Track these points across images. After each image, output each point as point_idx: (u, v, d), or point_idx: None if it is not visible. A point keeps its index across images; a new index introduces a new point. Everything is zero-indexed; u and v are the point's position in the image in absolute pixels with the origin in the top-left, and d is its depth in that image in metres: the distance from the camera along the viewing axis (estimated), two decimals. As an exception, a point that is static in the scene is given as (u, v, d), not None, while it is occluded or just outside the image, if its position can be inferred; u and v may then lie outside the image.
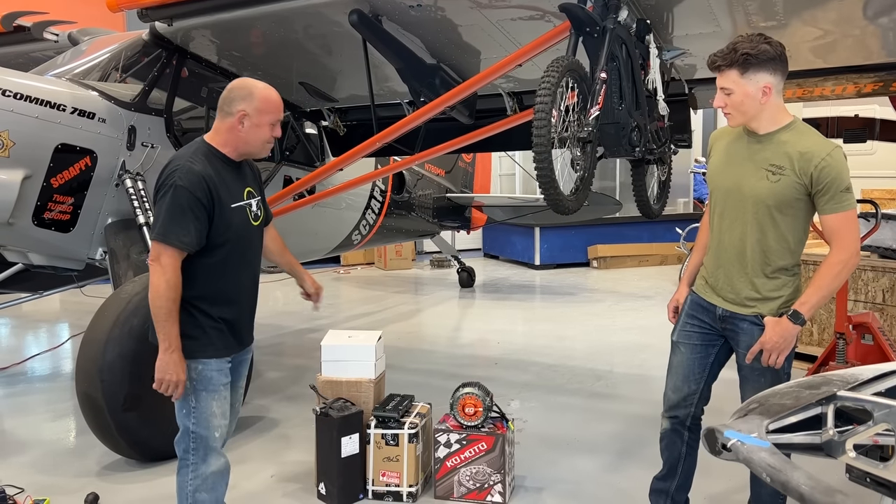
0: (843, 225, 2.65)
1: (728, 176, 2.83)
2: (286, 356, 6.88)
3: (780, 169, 2.66)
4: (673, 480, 3.18)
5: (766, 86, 2.64)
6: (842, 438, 1.66)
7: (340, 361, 3.89)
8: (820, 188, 2.63)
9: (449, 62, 4.73)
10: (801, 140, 2.68)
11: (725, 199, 2.84)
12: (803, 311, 2.67)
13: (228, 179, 2.82)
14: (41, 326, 8.26)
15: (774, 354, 2.70)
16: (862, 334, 5.08)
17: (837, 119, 9.85)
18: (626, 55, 3.69)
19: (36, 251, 4.70)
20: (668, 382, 3.12)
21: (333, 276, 11.74)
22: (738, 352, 2.89)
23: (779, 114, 2.72)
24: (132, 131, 4.70)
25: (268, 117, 2.81)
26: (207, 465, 2.87)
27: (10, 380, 5.93)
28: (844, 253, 2.64)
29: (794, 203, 2.69)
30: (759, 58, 2.62)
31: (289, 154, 5.94)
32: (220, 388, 2.88)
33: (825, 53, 4.45)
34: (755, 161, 2.74)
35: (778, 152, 2.69)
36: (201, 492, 2.89)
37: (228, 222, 2.79)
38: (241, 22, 4.58)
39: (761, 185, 2.70)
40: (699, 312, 2.99)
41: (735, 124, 2.81)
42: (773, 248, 2.74)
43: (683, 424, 3.09)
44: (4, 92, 4.13)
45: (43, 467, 4.11)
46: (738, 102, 2.69)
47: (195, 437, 2.84)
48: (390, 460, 3.68)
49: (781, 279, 2.78)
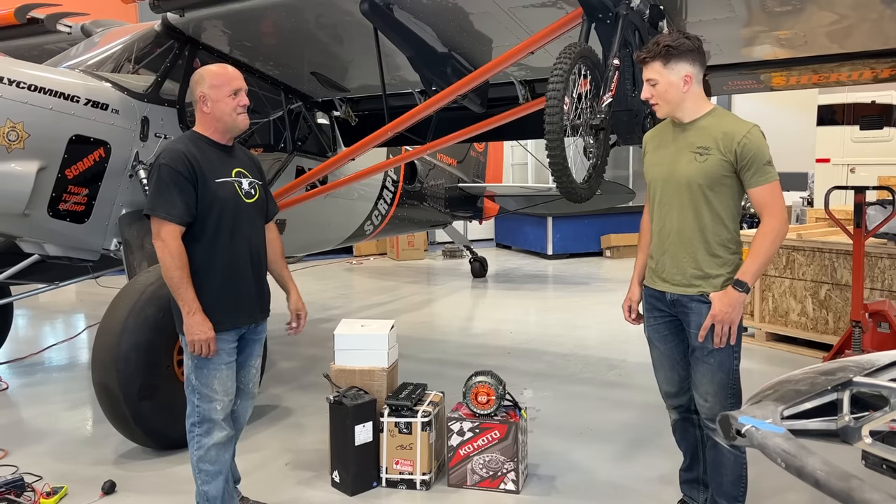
0: (770, 195, 2.82)
1: (661, 165, 2.99)
2: (300, 346, 6.91)
3: (706, 150, 2.83)
4: (699, 467, 3.20)
5: (686, 75, 2.83)
6: (858, 424, 1.65)
7: (353, 350, 3.91)
8: (744, 163, 2.80)
9: (460, 50, 4.70)
10: (721, 122, 2.87)
11: (662, 188, 2.97)
12: (746, 279, 2.81)
13: (213, 158, 3.02)
14: (57, 317, 8.34)
15: (725, 326, 2.81)
16: (878, 322, 5.04)
17: (854, 105, 9.76)
18: (639, 41, 3.66)
19: (51, 242, 4.74)
20: (658, 378, 3.18)
21: (346, 267, 11.77)
22: (690, 332, 2.96)
23: (700, 102, 2.90)
24: (145, 122, 4.72)
25: (223, 90, 3.00)
26: (210, 438, 3.04)
27: (28, 370, 6.00)
28: (776, 221, 2.81)
29: (723, 180, 2.84)
30: (679, 49, 2.81)
31: (301, 144, 5.94)
32: (221, 365, 3.02)
33: (841, 38, 4.40)
34: (683, 146, 2.90)
35: (702, 135, 2.86)
36: (204, 462, 3.06)
37: (214, 194, 2.97)
38: (252, 12, 4.58)
39: (691, 167, 2.86)
40: (655, 303, 3.08)
41: (662, 114, 2.96)
42: (708, 226, 2.88)
43: (690, 410, 3.12)
44: (19, 84, 4.15)
45: (60, 456, 4.16)
46: (662, 91, 2.86)
47: (198, 410, 3.02)
48: (403, 448, 3.69)
49: (723, 258, 2.90)
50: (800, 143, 12.47)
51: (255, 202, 3.12)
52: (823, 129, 10.57)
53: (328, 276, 10.87)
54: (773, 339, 6.38)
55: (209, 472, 3.07)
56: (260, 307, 3.18)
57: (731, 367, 2.91)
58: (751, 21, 4.16)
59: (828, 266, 5.98)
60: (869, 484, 1.39)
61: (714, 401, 2.91)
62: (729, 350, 2.88)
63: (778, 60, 4.82)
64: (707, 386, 2.92)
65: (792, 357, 6.00)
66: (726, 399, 2.90)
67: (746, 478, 3.01)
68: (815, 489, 1.44)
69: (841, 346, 5.29)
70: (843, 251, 5.82)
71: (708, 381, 2.92)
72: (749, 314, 6.52)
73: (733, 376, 2.91)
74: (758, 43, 4.54)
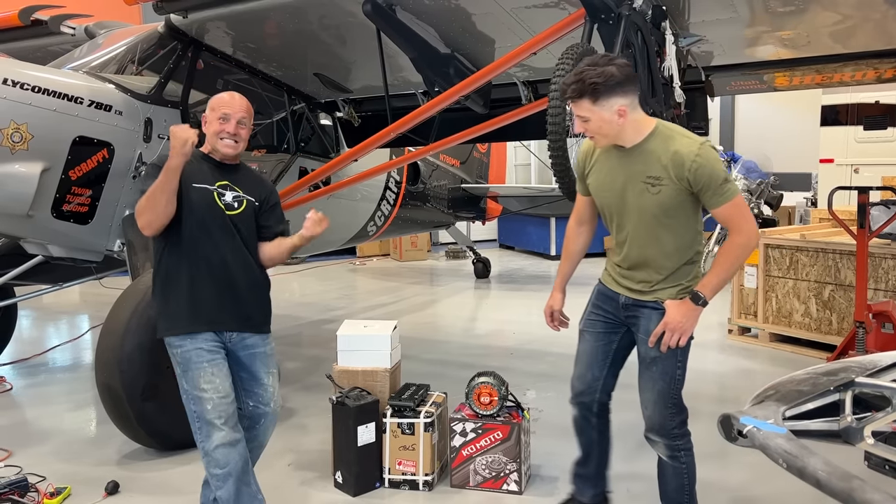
0: (733, 213, 2.70)
1: (611, 194, 2.88)
2: (303, 346, 6.92)
3: (657, 180, 2.70)
4: (590, 466, 3.24)
5: (619, 109, 2.67)
6: (860, 425, 1.65)
7: (356, 351, 3.91)
8: (700, 188, 2.68)
9: (463, 51, 4.71)
10: (667, 144, 2.71)
11: (617, 215, 2.89)
12: (704, 294, 2.73)
13: (205, 169, 3.08)
14: (61, 318, 8.36)
15: (676, 335, 2.74)
16: (882, 323, 5.03)
17: (857, 106, 9.74)
18: (641, 42, 3.66)
19: (55, 243, 4.75)
20: (574, 371, 3.16)
21: (349, 268, 11.77)
22: (639, 337, 2.92)
23: (640, 126, 2.75)
24: (149, 123, 4.73)
25: (215, 113, 3.07)
26: (210, 441, 2.95)
27: (32, 370, 6.01)
28: (742, 237, 2.71)
29: (681, 205, 2.74)
30: (607, 84, 2.63)
31: (304, 145, 5.95)
32: (204, 365, 2.99)
33: (845, 38, 4.39)
34: (631, 176, 2.77)
35: (650, 163, 2.72)
36: (213, 466, 2.97)
37: (189, 198, 3.00)
38: (255, 13, 4.59)
39: (644, 199, 2.75)
40: (604, 302, 3.03)
41: (602, 146, 2.84)
42: (670, 250, 2.81)
43: (590, 410, 3.13)
44: (23, 85, 4.16)
45: (64, 456, 4.17)
46: (596, 128, 2.72)
47: (196, 415, 2.99)
48: (406, 449, 3.69)
49: (682, 269, 2.85)
50: (803, 143, 12.45)
51: (237, 214, 3.09)
52: (827, 129, 10.54)
53: (331, 276, 10.88)
54: (777, 339, 6.37)
55: (218, 475, 2.98)
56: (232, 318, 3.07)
57: (674, 377, 2.85)
58: (754, 21, 4.15)
59: (831, 267, 5.97)
60: (870, 484, 1.39)
61: (653, 409, 2.89)
62: (673, 360, 2.83)
63: (781, 61, 4.81)
64: (648, 394, 2.91)
65: (795, 358, 5.99)
66: (666, 409, 2.87)
67: (691, 486, 3.00)
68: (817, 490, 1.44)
69: (845, 347, 5.27)
70: (846, 252, 5.81)
71: (649, 390, 2.89)
72: (753, 315, 6.52)
73: (675, 386, 2.86)
74: (761, 43, 4.53)
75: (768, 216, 9.90)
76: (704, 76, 4.87)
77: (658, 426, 2.90)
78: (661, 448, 2.95)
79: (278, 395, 3.25)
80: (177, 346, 3.00)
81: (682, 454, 2.94)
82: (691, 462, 2.97)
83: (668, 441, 2.91)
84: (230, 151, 3.09)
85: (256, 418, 3.19)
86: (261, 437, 3.25)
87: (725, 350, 6.41)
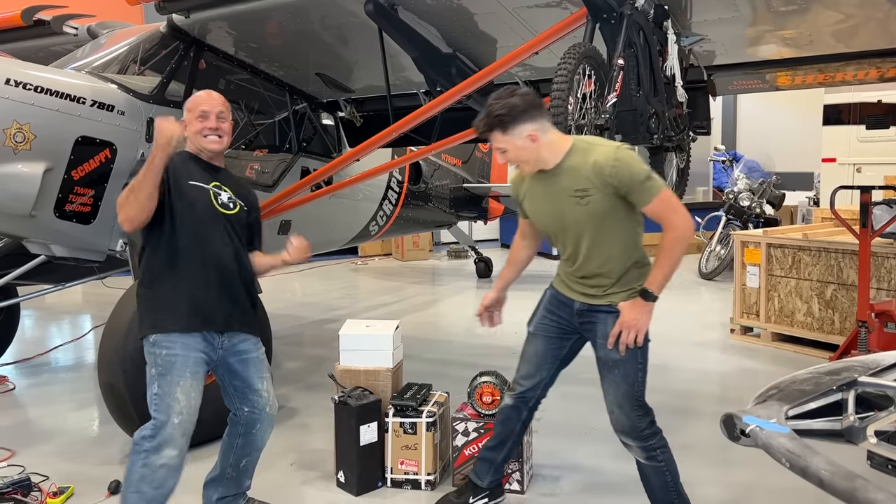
0: (662, 207, 2.79)
1: (547, 217, 3.00)
2: (305, 346, 6.92)
3: (585, 192, 2.80)
4: (501, 453, 3.34)
5: (530, 134, 2.79)
6: (863, 424, 1.65)
7: (358, 351, 3.91)
8: (625, 190, 2.78)
9: (465, 51, 4.71)
10: (586, 158, 2.81)
11: (560, 233, 2.99)
12: (653, 290, 2.82)
13: (193, 169, 3.07)
14: (64, 318, 8.37)
15: (633, 332, 2.83)
16: (885, 322, 5.02)
17: (860, 105, 9.74)
18: (643, 41, 3.66)
19: (58, 243, 4.75)
20: (519, 369, 3.25)
21: (351, 267, 11.77)
22: (598, 342, 2.99)
23: (557, 146, 2.86)
24: (151, 123, 4.73)
25: (193, 113, 3.09)
26: (159, 456, 2.80)
27: (35, 370, 6.02)
28: (676, 231, 2.79)
29: (613, 210, 2.84)
30: (511, 114, 2.76)
31: (306, 145, 5.95)
32: (186, 375, 2.87)
33: (847, 37, 4.39)
34: (560, 194, 2.87)
35: (575, 178, 2.82)
36: (146, 483, 2.79)
37: (185, 194, 2.98)
38: (257, 13, 4.59)
39: (578, 212, 2.85)
40: (557, 307, 3.11)
41: (528, 171, 2.95)
42: (616, 253, 2.91)
43: (527, 405, 3.27)
44: (25, 85, 4.17)
45: (67, 456, 4.18)
46: (514, 156, 2.85)
47: (155, 422, 2.82)
48: (408, 448, 3.69)
49: (632, 273, 2.93)
50: (805, 142, 12.44)
51: (233, 215, 3.09)
52: (829, 128, 10.54)
53: (333, 276, 10.88)
54: (779, 339, 6.36)
55: (147, 496, 2.78)
56: (228, 318, 3.04)
57: (636, 380, 2.93)
58: (756, 20, 4.15)
59: (834, 266, 5.96)
60: (873, 484, 1.39)
61: (620, 412, 2.97)
62: (634, 363, 2.91)
63: (783, 60, 4.81)
64: (612, 397, 2.98)
65: (798, 357, 5.98)
66: (633, 411, 2.95)
67: (675, 481, 3.05)
68: (820, 489, 1.44)
69: (847, 347, 5.27)
70: (849, 251, 5.80)
71: (613, 393, 2.97)
72: (755, 314, 6.51)
73: (638, 388, 2.94)
74: (763, 42, 4.53)
75: (770, 215, 9.89)
76: (706, 75, 4.87)
77: (628, 429, 2.98)
78: (636, 451, 3.02)
79: (273, 399, 3.22)
80: (164, 348, 2.88)
81: (657, 452, 3.00)
82: (669, 458, 3.04)
83: (641, 443, 2.99)
84: (216, 147, 3.09)
85: (252, 423, 3.17)
86: (258, 441, 3.23)
87: (727, 350, 6.40)
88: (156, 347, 2.90)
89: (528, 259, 3.36)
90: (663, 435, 3.04)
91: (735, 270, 6.74)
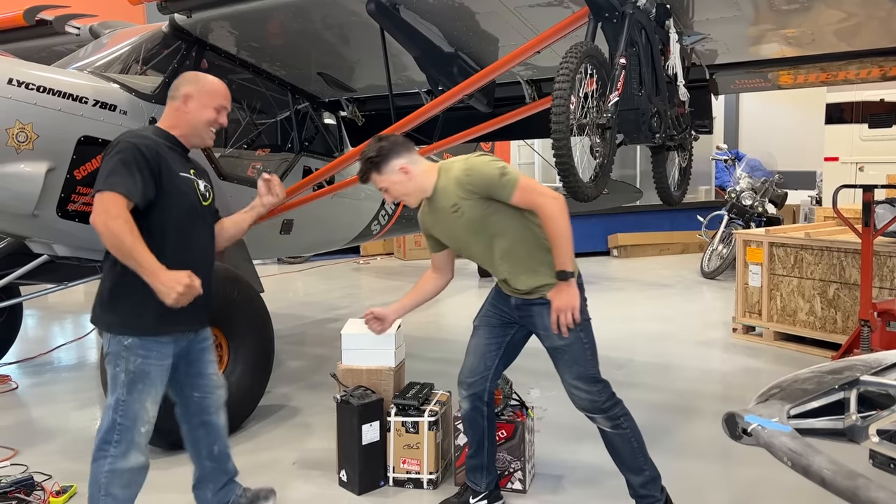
0: (525, 196, 2.97)
1: (447, 238, 3.25)
2: (307, 345, 6.93)
3: (456, 206, 3.06)
4: (483, 455, 3.42)
5: (402, 168, 3.08)
6: (865, 423, 1.65)
7: (360, 350, 3.92)
8: (487, 192, 3.00)
9: (467, 50, 4.71)
10: (449, 176, 3.08)
11: (461, 249, 3.25)
12: (565, 267, 2.97)
13: (177, 157, 2.95)
14: (66, 317, 8.39)
15: (568, 313, 2.96)
16: (887, 321, 5.02)
17: (862, 104, 9.72)
18: (645, 40, 3.65)
19: (60, 242, 4.75)
20: (463, 366, 3.38)
21: (353, 267, 11.78)
22: (540, 334, 3.17)
23: (428, 174, 3.13)
24: (153, 123, 4.74)
25: (214, 100, 3.00)
26: (126, 461, 2.81)
27: (37, 369, 6.03)
28: (546, 209, 2.94)
29: (491, 213, 3.04)
30: (380, 155, 3.07)
31: (308, 144, 5.96)
32: (158, 384, 2.87)
33: (849, 36, 4.38)
34: (443, 214, 3.13)
35: (446, 196, 3.09)
36: (115, 487, 2.81)
37: (178, 188, 2.87)
38: (259, 13, 4.59)
39: (460, 224, 3.09)
40: (499, 301, 3.30)
41: (414, 204, 3.21)
42: (519, 251, 3.10)
43: (481, 399, 3.35)
44: (28, 85, 4.17)
45: (69, 455, 4.18)
46: (396, 191, 3.12)
47: (121, 429, 2.80)
48: (411, 448, 3.70)
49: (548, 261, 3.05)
50: (808, 141, 12.42)
51: (210, 205, 3.07)
52: (832, 127, 10.52)
53: (335, 275, 10.89)
54: (781, 338, 6.36)
55: (118, 497, 2.81)
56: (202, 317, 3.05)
57: (585, 358, 3.10)
58: (758, 19, 4.14)
59: (836, 265, 5.95)
60: (875, 482, 1.39)
61: (578, 392, 3.13)
62: (579, 344, 3.07)
63: (786, 59, 4.80)
64: (567, 379, 3.14)
65: (800, 356, 5.98)
66: (589, 387, 3.11)
67: (640, 448, 3.18)
68: (822, 488, 1.44)
69: (850, 346, 5.26)
70: (851, 250, 5.80)
71: (567, 375, 3.14)
72: (757, 313, 6.51)
73: (589, 366, 3.11)
74: (765, 41, 4.52)
75: (773, 214, 9.88)
76: (709, 74, 4.86)
77: (589, 406, 3.13)
78: (601, 423, 3.16)
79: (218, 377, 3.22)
80: (138, 355, 2.80)
81: (621, 421, 3.15)
82: (633, 426, 3.19)
83: (603, 415, 3.14)
84: (211, 143, 3.09)
85: (204, 407, 3.15)
86: (216, 421, 3.20)
87: (730, 349, 6.40)
88: (129, 352, 2.81)
89: (434, 291, 3.51)
90: (624, 404, 3.19)
91: (737, 269, 6.74)
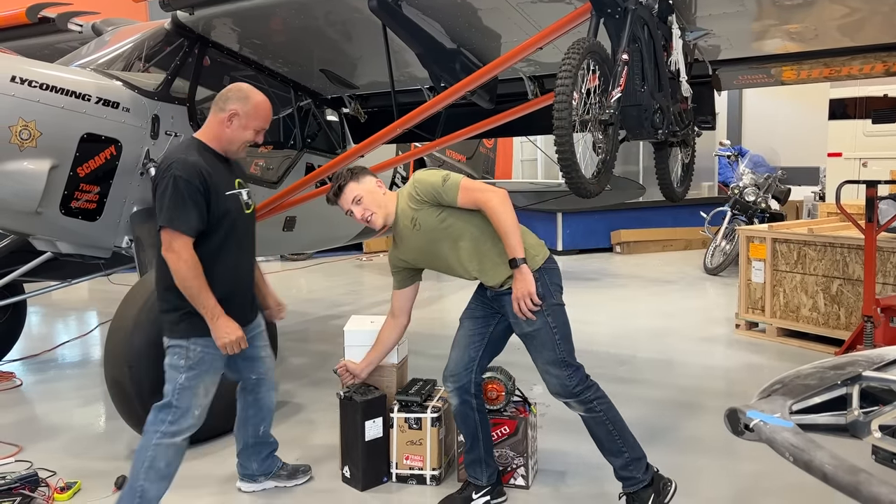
0: (469, 195, 3.19)
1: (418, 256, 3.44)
2: (310, 342, 6.94)
3: (414, 220, 3.28)
4: (479, 448, 3.46)
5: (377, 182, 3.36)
6: (867, 419, 1.65)
7: (363, 346, 3.91)
8: (434, 200, 3.22)
9: (469, 46, 4.70)
10: (402, 197, 3.34)
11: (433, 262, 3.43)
12: (515, 255, 3.14)
13: (220, 170, 3.08)
14: (70, 314, 8.41)
15: (526, 298, 3.13)
16: (890, 317, 5.01)
17: (866, 99, 9.70)
18: (648, 36, 3.64)
19: (64, 240, 4.77)
20: (451, 356, 3.46)
21: (356, 264, 11.79)
22: (512, 322, 3.31)
23: (391, 198, 3.37)
24: (156, 120, 4.75)
25: (255, 122, 3.11)
26: (173, 441, 3.04)
27: (42, 366, 6.05)
28: (489, 203, 3.15)
29: (446, 218, 3.24)
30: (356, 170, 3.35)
31: (310, 141, 5.96)
32: (212, 371, 3.09)
33: (853, 32, 4.37)
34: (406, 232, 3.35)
35: (405, 216, 3.32)
36: (160, 460, 3.02)
37: (225, 208, 3.05)
38: (261, 10, 4.60)
39: (421, 236, 3.30)
40: (482, 294, 3.48)
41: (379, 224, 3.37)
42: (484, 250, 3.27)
43: (468, 392, 3.40)
44: (31, 83, 4.18)
45: (74, 451, 4.20)
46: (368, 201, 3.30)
47: (175, 410, 3.02)
48: (414, 444, 3.70)
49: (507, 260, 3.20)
50: (811, 137, 12.41)
51: (252, 213, 3.24)
52: (835, 123, 10.50)
53: (338, 272, 10.90)
54: (785, 334, 6.35)
55: (160, 471, 3.02)
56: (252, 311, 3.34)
57: (555, 343, 3.20)
58: (761, 15, 4.13)
59: (839, 261, 5.95)
60: (877, 478, 1.39)
61: (550, 377, 3.23)
62: (547, 329, 3.19)
63: (789, 54, 4.79)
64: (540, 364, 3.25)
65: (803, 352, 5.97)
66: (561, 371, 3.19)
67: (618, 429, 3.26)
68: (824, 483, 1.44)
69: (853, 342, 5.26)
70: (854, 246, 5.79)
71: (539, 360, 3.25)
72: (760, 310, 6.50)
73: (560, 350, 3.20)
74: (768, 37, 4.51)
75: (776, 210, 9.87)
76: (711, 70, 4.85)
77: (561, 390, 3.21)
78: (576, 408, 3.24)
79: (272, 361, 3.52)
80: (200, 345, 3.04)
81: (595, 404, 3.23)
82: (608, 408, 3.27)
83: (577, 398, 3.21)
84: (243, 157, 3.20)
85: (258, 387, 3.43)
86: (266, 402, 3.49)
87: (733, 345, 6.40)
88: (189, 345, 3.05)
89: (395, 340, 3.65)
90: (599, 388, 3.26)
91: (740, 265, 6.73)
